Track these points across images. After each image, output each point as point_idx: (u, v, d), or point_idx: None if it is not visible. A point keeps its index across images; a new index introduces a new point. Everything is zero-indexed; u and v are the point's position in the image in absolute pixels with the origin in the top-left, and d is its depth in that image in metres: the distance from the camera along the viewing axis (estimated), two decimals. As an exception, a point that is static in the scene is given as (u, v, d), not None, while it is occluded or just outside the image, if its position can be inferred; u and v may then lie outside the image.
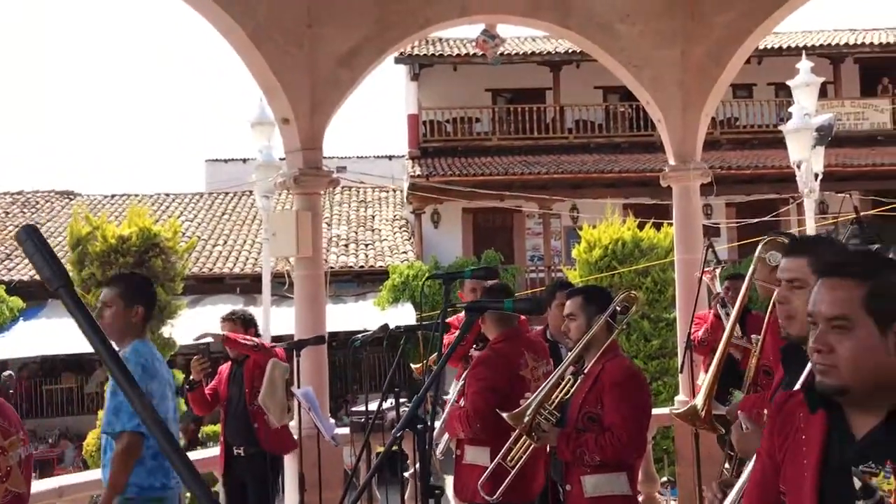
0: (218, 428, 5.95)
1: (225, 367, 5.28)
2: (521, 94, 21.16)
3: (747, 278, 3.51)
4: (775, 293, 2.65)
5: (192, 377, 5.16)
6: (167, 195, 23.06)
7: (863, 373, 1.68)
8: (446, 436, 4.13)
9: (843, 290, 1.72)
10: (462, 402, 4.06)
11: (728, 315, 5.01)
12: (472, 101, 20.65)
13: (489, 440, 3.83)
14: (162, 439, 0.97)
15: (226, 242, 19.78)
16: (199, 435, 15.09)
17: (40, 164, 71.30)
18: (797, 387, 2.16)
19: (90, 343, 1.05)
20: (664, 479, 6.48)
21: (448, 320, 4.89)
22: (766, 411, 2.36)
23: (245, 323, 5.21)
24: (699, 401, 3.59)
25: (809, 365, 1.91)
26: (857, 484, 1.36)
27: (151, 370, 3.37)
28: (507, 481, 3.66)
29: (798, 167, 9.76)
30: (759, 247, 3.44)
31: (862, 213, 9.40)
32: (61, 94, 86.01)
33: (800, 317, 2.36)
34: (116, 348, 2.55)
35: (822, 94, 14.12)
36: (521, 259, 19.92)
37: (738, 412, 2.47)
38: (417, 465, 2.69)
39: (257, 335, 5.30)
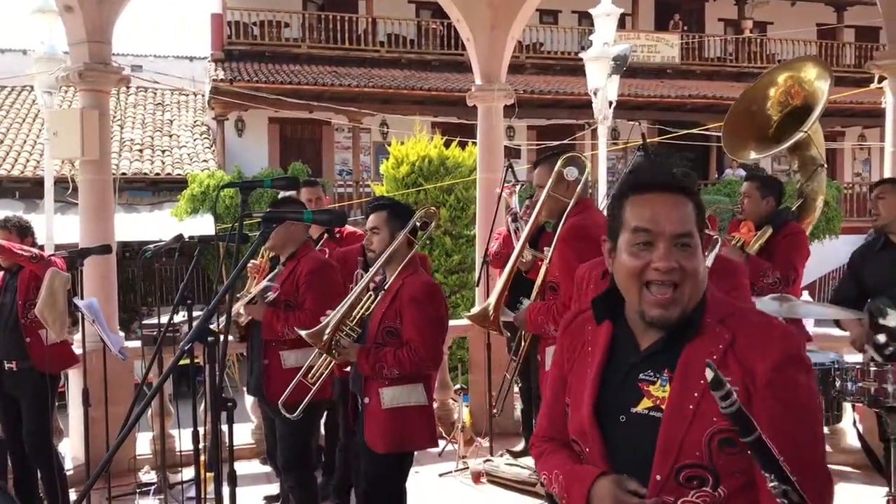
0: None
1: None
2: (333, 2, 20.54)
3: (544, 192, 3.63)
4: None
5: None
6: (-70, 85, 20.46)
7: (699, 290, 1.68)
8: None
9: (684, 205, 1.68)
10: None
11: (517, 231, 5.22)
12: (281, 4, 19.78)
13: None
14: None
15: (2, 142, 17.94)
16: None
17: None
18: None
19: None
20: (458, 386, 6.78)
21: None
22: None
23: (21, 231, 4.79)
24: (490, 303, 3.76)
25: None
26: (710, 375, 1.34)
27: None
28: (307, 398, 3.72)
29: (595, 94, 10.25)
30: (559, 162, 3.58)
31: (649, 141, 10.08)
32: None
33: None
34: None
35: (621, 25, 14.81)
36: (329, 173, 19.67)
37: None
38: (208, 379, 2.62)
39: (35, 244, 4.89)
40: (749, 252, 4.57)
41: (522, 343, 3.95)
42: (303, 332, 3.54)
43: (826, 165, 5.30)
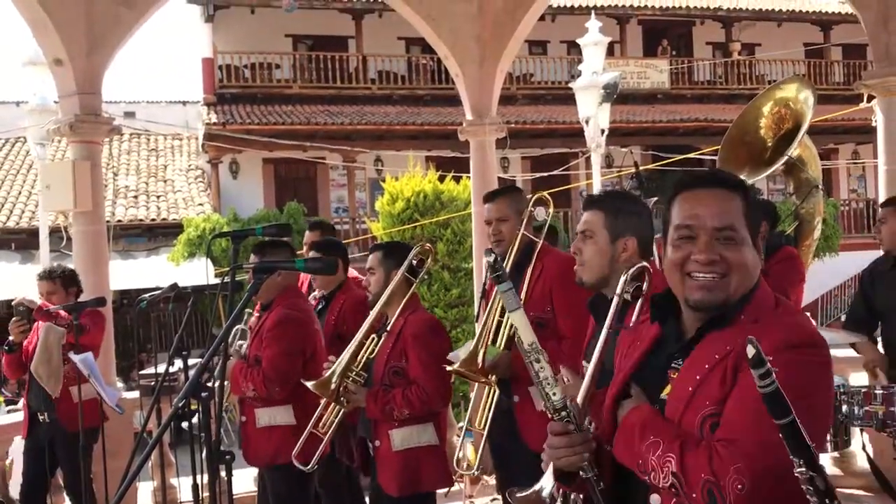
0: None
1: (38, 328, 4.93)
2: (323, 42, 20.69)
3: (520, 233, 3.63)
4: (572, 245, 2.77)
5: (11, 339, 4.83)
6: (-75, 140, 20.54)
7: (746, 282, 1.68)
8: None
9: (728, 200, 1.70)
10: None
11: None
12: (272, 46, 19.91)
13: (291, 400, 3.78)
14: None
15: (-4, 194, 18.00)
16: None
17: None
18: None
19: None
20: (461, 424, 6.67)
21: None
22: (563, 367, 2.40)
23: (66, 282, 4.84)
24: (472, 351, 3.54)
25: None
26: (751, 351, 1.28)
27: None
28: (321, 448, 3.62)
29: (586, 123, 10.30)
30: (529, 204, 3.61)
31: (642, 167, 10.07)
32: None
33: (588, 263, 2.55)
34: None
35: (609, 52, 14.94)
36: (325, 211, 19.67)
37: (562, 367, 2.36)
38: (204, 434, 2.57)
39: (79, 294, 4.93)
40: None
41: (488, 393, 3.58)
42: (309, 384, 3.47)
43: (821, 186, 5.26)
